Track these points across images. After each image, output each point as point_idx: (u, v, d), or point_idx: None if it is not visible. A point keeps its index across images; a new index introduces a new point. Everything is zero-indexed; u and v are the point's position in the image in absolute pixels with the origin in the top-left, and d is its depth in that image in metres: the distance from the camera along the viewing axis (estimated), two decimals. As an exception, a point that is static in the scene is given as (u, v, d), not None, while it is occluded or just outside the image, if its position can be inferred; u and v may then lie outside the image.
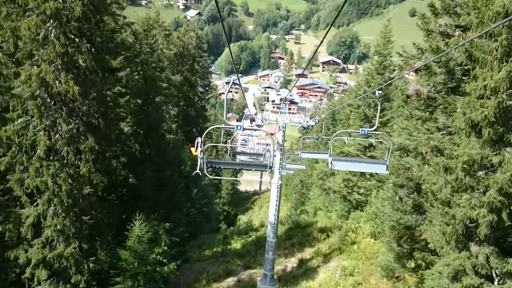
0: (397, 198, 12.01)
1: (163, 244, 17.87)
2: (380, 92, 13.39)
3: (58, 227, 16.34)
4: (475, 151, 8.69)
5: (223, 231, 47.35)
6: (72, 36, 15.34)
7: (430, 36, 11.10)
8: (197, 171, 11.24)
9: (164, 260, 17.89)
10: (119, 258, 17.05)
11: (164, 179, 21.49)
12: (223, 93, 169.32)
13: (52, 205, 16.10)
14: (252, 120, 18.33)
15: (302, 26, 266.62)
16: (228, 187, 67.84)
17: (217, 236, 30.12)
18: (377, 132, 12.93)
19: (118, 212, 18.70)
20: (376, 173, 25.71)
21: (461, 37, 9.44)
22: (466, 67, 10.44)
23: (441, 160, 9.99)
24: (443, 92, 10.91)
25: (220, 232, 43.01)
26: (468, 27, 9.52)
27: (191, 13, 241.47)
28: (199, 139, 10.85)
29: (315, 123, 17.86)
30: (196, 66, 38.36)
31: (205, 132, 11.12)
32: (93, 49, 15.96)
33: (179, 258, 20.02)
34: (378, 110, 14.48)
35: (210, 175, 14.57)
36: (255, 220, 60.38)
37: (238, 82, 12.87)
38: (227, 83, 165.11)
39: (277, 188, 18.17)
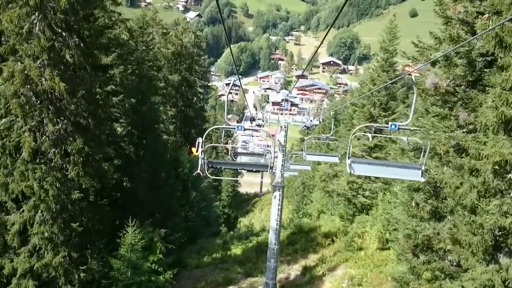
0: (413, 204, 10.92)
1: (158, 251, 16.80)
2: (411, 77, 10.08)
3: (46, 234, 15.27)
4: (506, 150, 7.62)
5: (223, 235, 46.25)
6: (59, 30, 14.29)
7: (449, 24, 10.02)
8: (198, 171, 10.63)
9: (159, 269, 16.81)
10: (111, 267, 15.99)
11: (160, 182, 20.39)
12: (223, 95, 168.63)
13: (39, 211, 15.06)
14: (252, 119, 17.29)
15: (302, 27, 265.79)
16: (228, 189, 66.86)
17: (216, 240, 29.03)
18: (411, 128, 9.39)
19: (111, 217, 17.60)
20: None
21: (489, 20, 8.36)
22: (489, 58, 9.39)
23: (467, 160, 8.92)
24: (463, 86, 9.82)
25: (220, 236, 41.91)
26: (495, 11, 8.45)
27: (191, 14, 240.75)
28: (199, 139, 10.27)
29: (319, 122, 16.77)
30: (195, 65, 37.28)
31: (206, 132, 10.59)
32: (82, 44, 14.92)
33: (176, 266, 18.95)
34: (414, 99, 10.10)
35: (210, 176, 13.73)
36: (255, 223, 59.46)
37: (239, 83, 12.88)
38: (227, 84, 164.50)
39: (279, 191, 17.09)
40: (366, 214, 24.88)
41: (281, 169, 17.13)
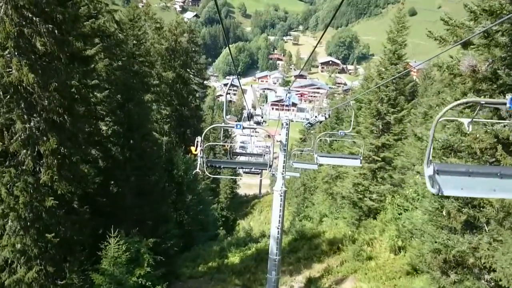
0: (443, 213, 9.17)
1: (146, 264, 15.00)
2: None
3: (18, 246, 13.50)
4: None
5: (221, 239, 44.52)
6: (29, 14, 12.50)
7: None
8: (197, 170, 10.83)
9: (147, 283, 15.03)
10: (93, 282, 14.21)
11: (149, 186, 18.57)
12: (221, 95, 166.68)
13: (9, 220, 13.29)
14: (250, 116, 15.50)
15: (300, 27, 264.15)
16: (227, 191, 65.22)
17: (213, 247, 27.20)
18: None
19: (93, 226, 15.80)
20: (391, 177, 23.07)
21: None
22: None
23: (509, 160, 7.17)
24: (505, 69, 8.07)
25: (218, 240, 40.17)
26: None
27: (188, 15, 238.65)
28: (198, 138, 10.24)
29: (325, 118, 14.95)
30: (190, 62, 35.46)
31: (205, 131, 10.68)
32: (56, 31, 13.14)
33: (167, 279, 17.18)
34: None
35: (209, 175, 12.70)
36: (255, 225, 57.68)
37: (238, 82, 12.85)
38: (225, 84, 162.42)
39: (281, 196, 15.32)
40: (373, 219, 23.14)
41: (283, 171, 15.36)
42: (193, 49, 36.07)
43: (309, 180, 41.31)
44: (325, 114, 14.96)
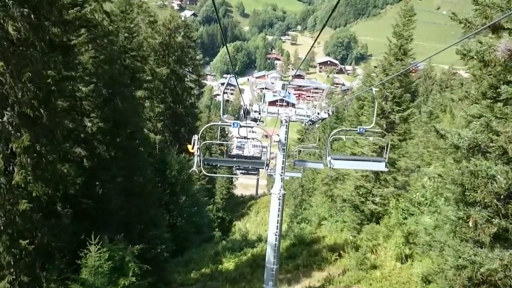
0: (470, 224, 7.92)
1: (131, 274, 13.69)
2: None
3: (-12, 254, 12.24)
4: None
5: (217, 240, 43.27)
6: (0, -5, 11.21)
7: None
8: (194, 168, 10.82)
9: (132, 294, 13.74)
10: (73, 292, 12.90)
11: (137, 188, 17.25)
12: (218, 95, 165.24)
13: (-22, 225, 12.00)
14: (247, 112, 14.24)
15: (299, 27, 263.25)
16: (223, 191, 64.05)
17: (207, 251, 25.91)
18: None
19: (75, 231, 14.49)
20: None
21: None
22: None
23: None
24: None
25: (212, 245, 38.90)
26: None
27: (186, 13, 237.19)
28: (195, 137, 10.16)
29: (329, 115, 13.67)
30: (185, 57, 34.10)
31: (202, 129, 11.71)
32: (32, 16, 11.85)
33: (156, 288, 15.91)
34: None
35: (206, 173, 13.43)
36: (251, 227, 56.48)
37: (236, 81, 10.99)
38: (223, 84, 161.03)
39: (279, 199, 14.06)
40: (376, 223, 21.93)
41: (281, 172, 14.09)
42: (189, 44, 34.75)
43: (308, 182, 40.07)
44: (327, 111, 13.67)
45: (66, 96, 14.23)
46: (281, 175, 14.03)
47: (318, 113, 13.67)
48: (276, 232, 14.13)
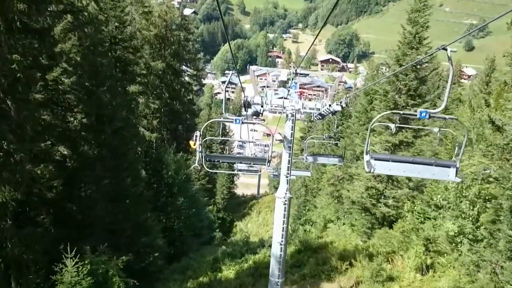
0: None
1: (115, 290, 11.99)
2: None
3: None
4: None
5: (217, 242, 41.59)
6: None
7: None
8: (195, 165, 10.36)
9: (117, 313, 12.04)
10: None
11: (125, 191, 15.50)
12: (219, 93, 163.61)
13: None
14: (248, 105, 12.47)
15: (300, 25, 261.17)
16: (224, 191, 62.40)
17: (206, 256, 24.15)
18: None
19: (52, 241, 12.78)
20: (409, 179, 20.10)
21: None
22: None
23: None
24: None
25: (213, 245, 37.24)
26: None
27: (187, 11, 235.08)
28: (197, 133, 9.66)
29: (342, 107, 11.80)
30: (182, 51, 32.31)
31: (204, 125, 10.21)
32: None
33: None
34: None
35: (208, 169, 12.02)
36: (253, 227, 54.78)
37: (238, 78, 11.34)
38: (223, 82, 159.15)
39: (285, 204, 12.29)
40: (389, 228, 20.18)
41: (287, 173, 12.30)
42: (186, 37, 32.95)
43: (312, 181, 38.22)
44: (340, 102, 11.85)
45: (48, 88, 12.51)
46: (286, 177, 12.27)
47: (330, 105, 11.87)
48: (281, 241, 12.37)
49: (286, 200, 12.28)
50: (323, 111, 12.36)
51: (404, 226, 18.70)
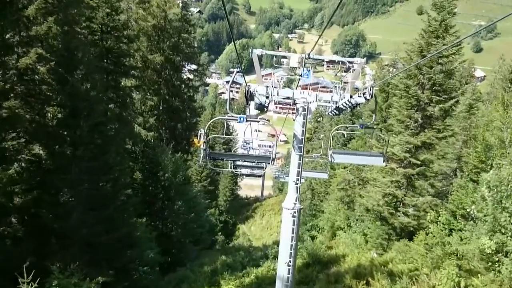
0: None
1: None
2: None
3: None
4: None
5: (218, 246, 39.47)
6: None
7: None
8: (200, 162, 11.52)
9: None
10: None
11: (104, 197, 13.33)
12: (223, 93, 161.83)
13: None
14: (251, 97, 10.30)
15: (306, 25, 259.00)
16: (226, 193, 60.51)
17: (203, 267, 22.00)
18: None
19: (19, 255, 10.67)
20: (432, 186, 17.90)
21: None
22: None
23: None
24: None
25: (214, 250, 35.22)
26: None
27: (191, 11, 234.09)
28: (202, 130, 9.19)
29: (366, 99, 9.55)
30: (182, 44, 30.19)
31: (209, 122, 10.30)
32: None
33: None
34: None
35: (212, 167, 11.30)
36: (256, 231, 52.75)
37: (242, 76, 11.02)
38: (228, 82, 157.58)
39: (293, 216, 10.11)
40: (408, 240, 17.96)
41: (296, 179, 10.09)
42: (186, 29, 30.80)
43: (319, 185, 35.97)
44: (363, 94, 9.63)
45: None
46: (296, 183, 10.09)
47: (351, 96, 9.67)
48: (289, 261, 10.21)
49: (295, 212, 10.10)
50: (342, 105, 10.18)
51: (427, 238, 16.51)
